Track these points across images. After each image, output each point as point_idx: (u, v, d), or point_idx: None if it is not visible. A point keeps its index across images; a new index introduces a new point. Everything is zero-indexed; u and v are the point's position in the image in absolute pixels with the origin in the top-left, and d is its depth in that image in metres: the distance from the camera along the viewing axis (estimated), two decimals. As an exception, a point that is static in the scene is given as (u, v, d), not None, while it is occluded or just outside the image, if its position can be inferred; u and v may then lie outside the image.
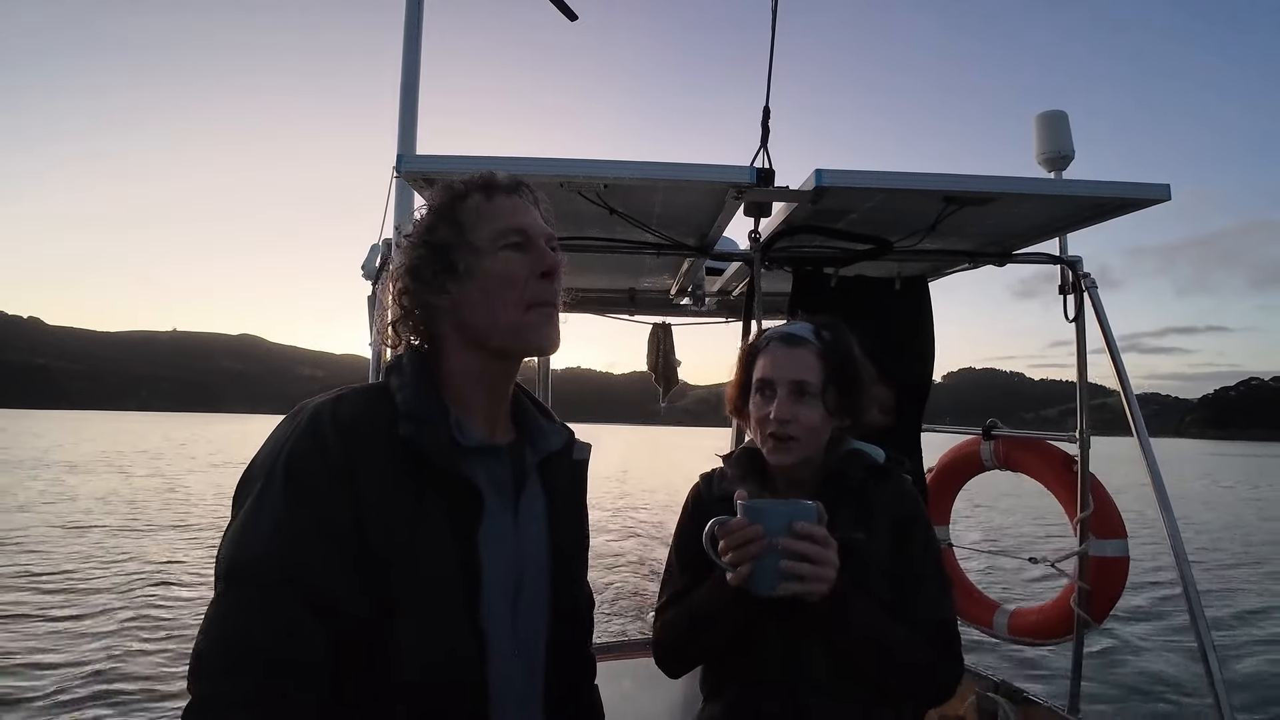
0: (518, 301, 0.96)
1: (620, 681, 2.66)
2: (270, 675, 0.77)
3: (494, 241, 0.97)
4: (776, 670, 1.20)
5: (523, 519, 0.98)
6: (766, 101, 2.22)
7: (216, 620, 0.80)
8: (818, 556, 1.07)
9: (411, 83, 2.24)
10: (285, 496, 0.83)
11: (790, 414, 1.24)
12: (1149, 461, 2.19)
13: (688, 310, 3.57)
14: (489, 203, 0.99)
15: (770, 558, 1.08)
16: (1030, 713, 2.48)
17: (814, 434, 1.27)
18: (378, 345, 2.15)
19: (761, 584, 1.09)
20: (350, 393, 0.94)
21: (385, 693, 0.84)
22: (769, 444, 1.28)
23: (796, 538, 1.07)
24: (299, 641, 0.79)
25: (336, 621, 0.81)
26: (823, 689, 1.18)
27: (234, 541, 0.83)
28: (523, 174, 1.07)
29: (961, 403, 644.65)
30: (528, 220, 0.99)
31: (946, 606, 1.26)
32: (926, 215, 2.15)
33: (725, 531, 1.10)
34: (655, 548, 11.98)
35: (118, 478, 22.54)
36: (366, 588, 0.83)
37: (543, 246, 0.98)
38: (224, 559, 0.83)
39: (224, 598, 0.81)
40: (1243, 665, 6.66)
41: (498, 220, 0.98)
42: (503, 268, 0.96)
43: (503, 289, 0.96)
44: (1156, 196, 1.99)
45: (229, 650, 0.78)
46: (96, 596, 8.12)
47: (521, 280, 0.96)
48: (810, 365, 1.27)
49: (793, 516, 1.09)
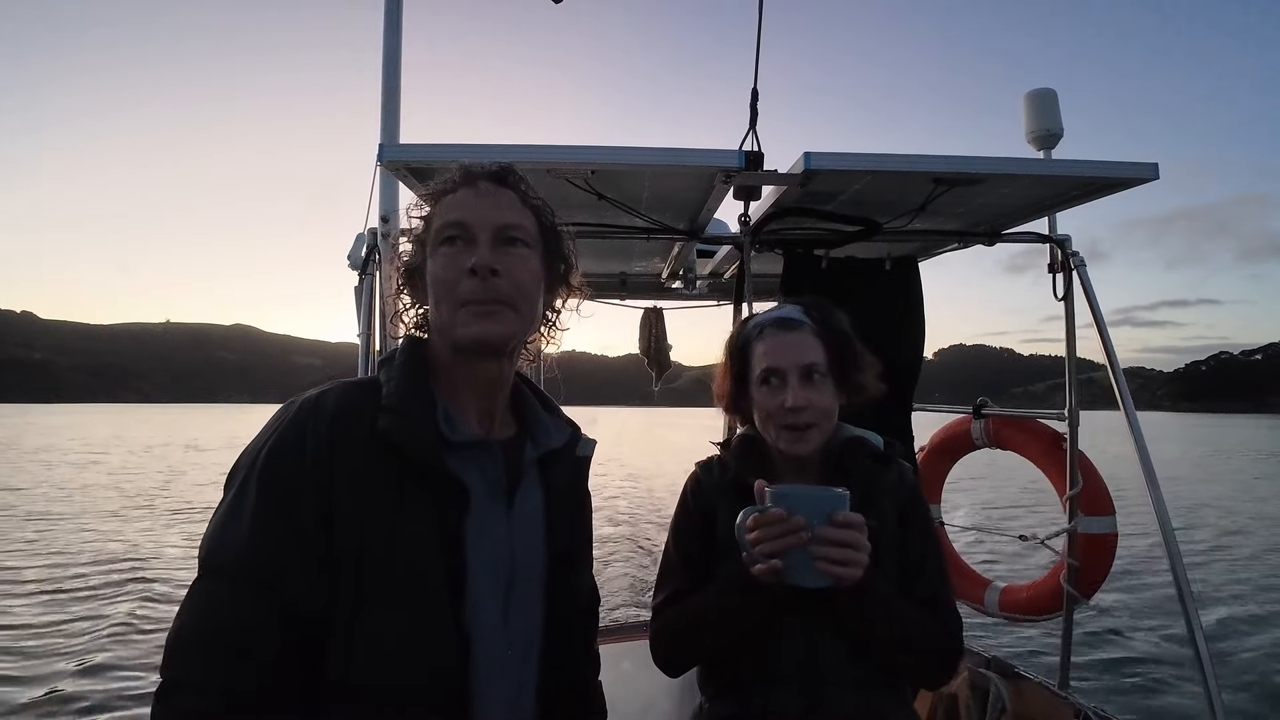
0: (450, 300, 0.94)
1: (620, 664, 2.67)
2: (235, 668, 0.79)
3: (436, 238, 0.96)
4: (790, 663, 1.18)
5: (517, 515, 0.98)
6: (755, 84, 2.19)
7: (191, 610, 0.83)
8: (856, 544, 1.05)
9: (393, 70, 2.20)
10: (262, 494, 0.85)
11: (805, 400, 1.21)
12: (1136, 437, 2.21)
13: (680, 294, 3.56)
14: (451, 197, 0.98)
15: (810, 547, 1.06)
16: (1022, 688, 2.51)
17: (828, 417, 1.25)
18: (366, 335, 2.13)
19: (799, 575, 1.06)
20: (339, 386, 0.94)
21: (355, 690, 0.84)
22: (784, 435, 1.24)
23: (837, 526, 1.05)
24: (265, 637, 0.81)
25: (304, 620, 0.83)
26: (836, 678, 1.17)
27: (212, 534, 0.86)
28: (508, 162, 1.05)
29: (951, 379, 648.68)
30: (469, 214, 0.96)
31: (947, 589, 1.27)
32: (915, 196, 2.14)
33: (762, 521, 1.07)
34: (651, 531, 12.05)
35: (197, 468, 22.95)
36: (338, 585, 0.84)
37: (482, 241, 0.94)
38: (203, 549, 0.86)
39: (199, 588, 0.84)
40: (1229, 640, 6.77)
41: (443, 214, 0.97)
42: (437, 266, 0.95)
43: (436, 288, 0.95)
44: (1144, 176, 1.99)
45: (198, 640, 0.81)
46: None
47: (451, 279, 0.93)
48: (814, 347, 1.24)
49: (831, 505, 1.07)
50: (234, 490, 0.87)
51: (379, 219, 2.24)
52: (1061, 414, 2.64)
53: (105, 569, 8.93)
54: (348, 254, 2.27)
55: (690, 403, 5.66)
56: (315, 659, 0.83)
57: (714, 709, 1.27)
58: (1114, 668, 6.01)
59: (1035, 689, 2.49)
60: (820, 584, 1.06)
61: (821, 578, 1.06)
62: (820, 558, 1.05)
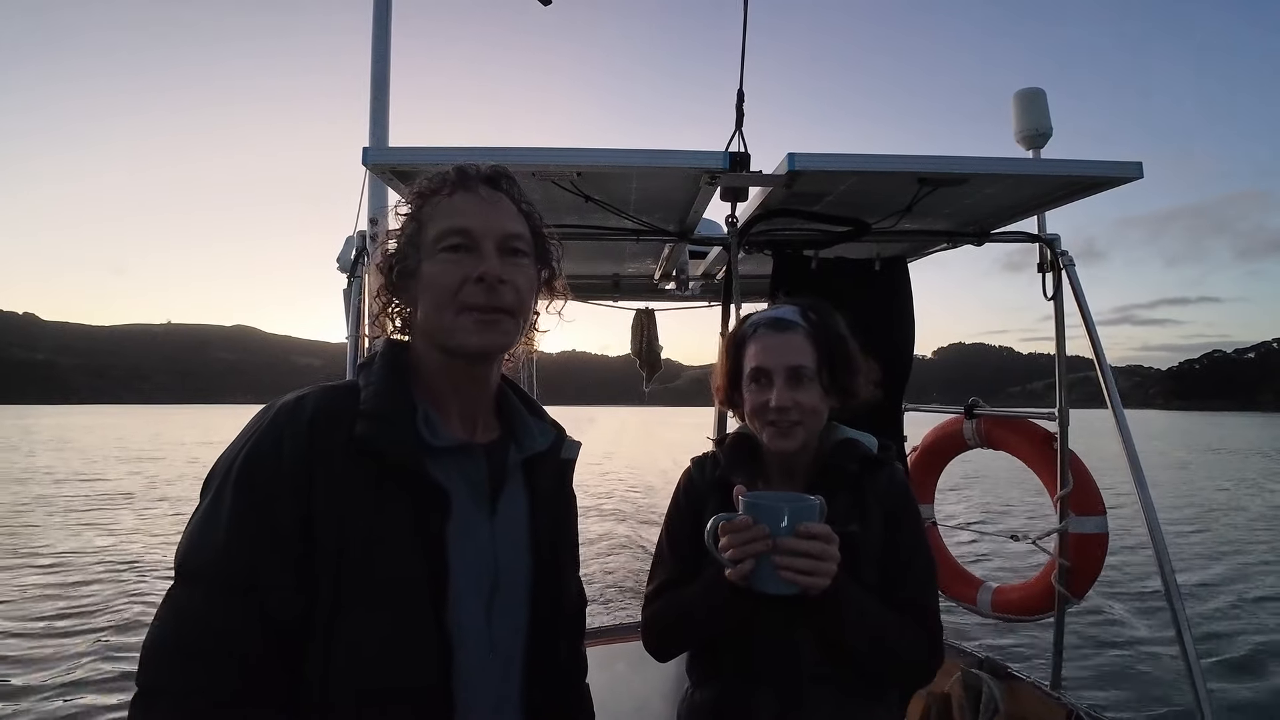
0: (450, 305, 0.94)
1: (613, 666, 2.67)
2: (213, 674, 0.79)
3: (435, 243, 0.95)
4: (769, 662, 1.20)
5: (500, 519, 0.97)
6: (740, 85, 2.19)
7: (167, 616, 0.83)
8: (821, 554, 1.06)
9: (381, 73, 2.20)
10: (237, 499, 0.84)
11: (789, 401, 1.23)
12: (1124, 437, 2.21)
13: (672, 295, 3.56)
14: (448, 199, 0.97)
15: (774, 555, 1.06)
16: (1014, 688, 2.51)
17: (814, 417, 1.26)
18: (354, 337, 2.13)
19: (764, 582, 1.07)
20: (318, 390, 0.94)
21: (336, 694, 0.84)
22: (769, 431, 1.26)
23: (801, 537, 1.06)
24: (243, 643, 0.81)
25: (283, 625, 0.82)
26: (814, 679, 1.18)
27: (189, 539, 0.85)
28: (494, 163, 1.05)
29: (950, 379, 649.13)
30: (474, 222, 0.96)
31: (930, 592, 1.27)
32: (902, 197, 2.14)
33: (729, 529, 1.09)
34: (644, 530, 12.05)
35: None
36: (316, 589, 0.84)
37: (488, 250, 0.95)
38: (179, 554, 0.85)
39: (175, 594, 0.84)
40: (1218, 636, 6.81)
41: (446, 219, 0.96)
42: (437, 271, 0.95)
43: (433, 292, 0.94)
44: (1128, 175, 1.99)
45: (175, 647, 0.81)
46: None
47: (453, 287, 0.94)
48: (803, 349, 1.26)
49: (797, 515, 1.07)
50: (210, 495, 0.86)
51: (368, 221, 2.23)
52: (1052, 413, 2.64)
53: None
54: (337, 256, 2.27)
55: (688, 402, 5.66)
56: (295, 664, 0.83)
57: (697, 696, 1.31)
58: (1106, 667, 6.03)
59: (1028, 689, 2.49)
60: (786, 591, 1.07)
61: (788, 585, 1.06)
62: (783, 566, 1.05)
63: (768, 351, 1.27)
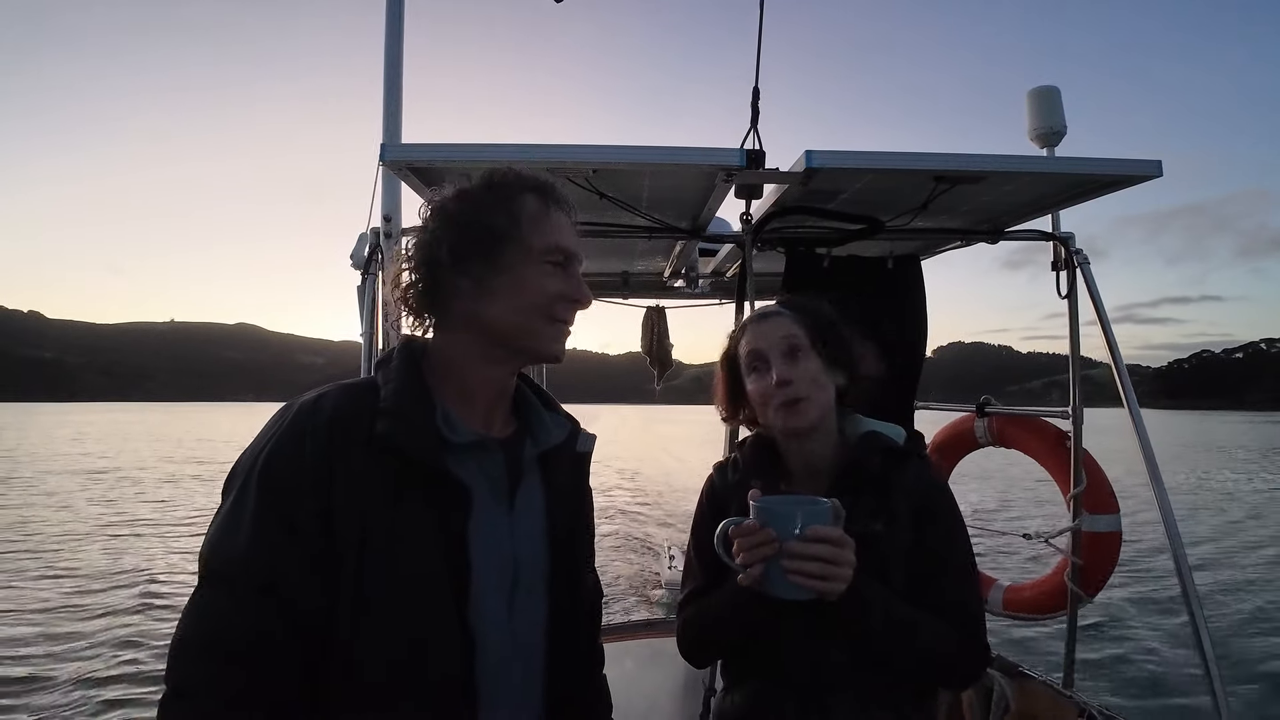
0: (542, 312, 0.98)
1: (622, 662, 2.68)
2: (238, 673, 0.80)
3: (544, 252, 0.98)
4: (797, 668, 1.18)
5: (519, 514, 0.98)
6: (756, 82, 2.19)
7: (193, 616, 0.84)
8: (832, 558, 1.03)
9: (394, 70, 2.20)
10: (261, 499, 0.85)
11: (790, 373, 1.22)
12: (1140, 435, 2.20)
13: (682, 292, 3.55)
14: (546, 212, 1.00)
15: (782, 560, 1.04)
16: (1026, 687, 2.50)
17: (820, 389, 1.24)
18: (369, 334, 2.13)
19: (775, 586, 1.06)
20: (336, 388, 0.94)
21: (359, 691, 0.84)
22: (780, 413, 1.24)
23: (810, 540, 1.03)
24: (267, 642, 0.81)
25: (305, 624, 0.83)
26: (843, 686, 1.16)
27: (212, 540, 0.86)
28: (511, 160, 1.07)
29: (949, 377, 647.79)
30: (576, 246, 1.02)
31: (970, 592, 1.23)
32: (917, 194, 2.13)
33: (738, 534, 1.07)
34: (651, 526, 12.05)
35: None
36: (339, 589, 0.84)
37: (578, 278, 1.02)
38: (204, 554, 0.86)
39: (201, 593, 0.85)
40: (1236, 638, 6.77)
41: (553, 234, 0.99)
42: (541, 280, 0.98)
43: (533, 297, 0.98)
44: (1147, 173, 1.97)
45: (201, 647, 0.82)
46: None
47: (552, 298, 0.99)
48: (792, 327, 1.26)
49: (807, 518, 1.05)
50: (233, 495, 0.87)
51: (381, 218, 2.24)
52: (1066, 412, 2.63)
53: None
54: (350, 253, 2.27)
55: (690, 400, 5.69)
56: (319, 662, 0.84)
57: (727, 701, 1.30)
58: (1118, 666, 6.01)
59: (1039, 687, 2.48)
60: (798, 596, 1.04)
61: (800, 590, 1.04)
62: (793, 571, 1.03)
63: (759, 335, 1.28)
